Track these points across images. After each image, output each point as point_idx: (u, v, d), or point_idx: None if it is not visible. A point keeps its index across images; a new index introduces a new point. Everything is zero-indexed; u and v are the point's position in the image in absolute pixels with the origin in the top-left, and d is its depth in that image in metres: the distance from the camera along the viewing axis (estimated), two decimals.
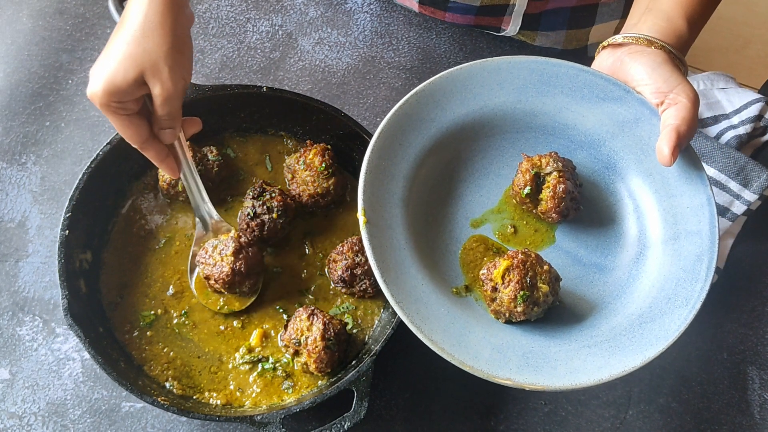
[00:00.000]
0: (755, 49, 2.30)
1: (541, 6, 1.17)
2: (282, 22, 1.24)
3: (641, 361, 0.80)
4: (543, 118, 0.93)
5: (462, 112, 0.91)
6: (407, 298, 0.81)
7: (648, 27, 0.90)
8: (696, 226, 0.87)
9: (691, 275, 0.85)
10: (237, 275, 0.93)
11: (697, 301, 0.83)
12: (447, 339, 0.80)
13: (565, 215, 0.89)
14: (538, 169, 0.89)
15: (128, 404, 0.95)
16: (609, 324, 0.85)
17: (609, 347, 0.82)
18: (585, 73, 0.91)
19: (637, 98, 0.89)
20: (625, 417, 1.00)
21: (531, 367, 0.80)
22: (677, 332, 0.82)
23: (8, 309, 0.99)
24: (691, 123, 0.84)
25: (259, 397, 0.93)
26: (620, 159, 0.92)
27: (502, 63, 0.92)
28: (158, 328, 0.96)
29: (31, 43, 1.18)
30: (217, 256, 0.94)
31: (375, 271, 0.80)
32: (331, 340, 0.90)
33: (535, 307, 0.83)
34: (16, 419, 0.94)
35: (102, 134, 1.11)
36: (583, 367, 0.80)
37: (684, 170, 0.89)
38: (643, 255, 0.89)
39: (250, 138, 1.08)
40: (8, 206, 1.06)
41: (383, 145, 0.87)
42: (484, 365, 0.79)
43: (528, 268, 0.83)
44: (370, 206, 0.84)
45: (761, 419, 1.00)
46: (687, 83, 0.86)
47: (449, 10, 1.19)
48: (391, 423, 0.97)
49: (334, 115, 1.02)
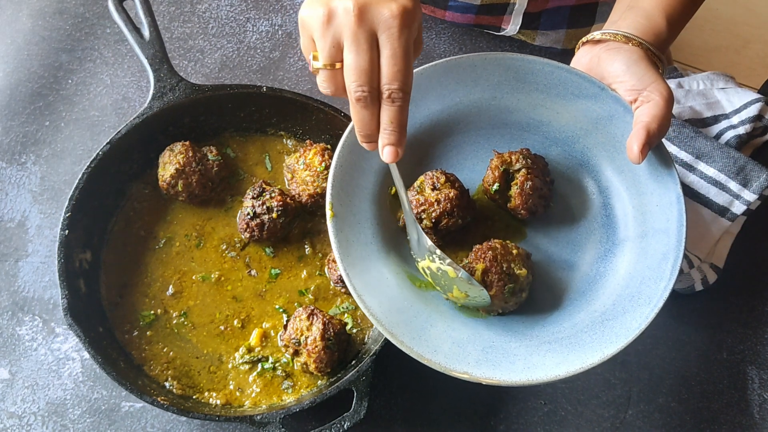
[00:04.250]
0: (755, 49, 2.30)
1: (541, 5, 1.17)
2: (282, 22, 1.24)
3: (599, 359, 0.80)
4: (518, 115, 0.93)
5: (437, 108, 0.92)
6: (370, 292, 0.81)
7: (627, 24, 0.90)
8: (664, 224, 0.87)
9: (656, 273, 0.85)
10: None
11: (660, 300, 0.83)
12: (408, 332, 0.80)
13: (533, 212, 0.89)
14: (507, 166, 0.89)
15: (128, 404, 0.95)
16: (571, 321, 0.85)
17: (569, 344, 0.82)
18: (560, 70, 0.91)
19: (612, 95, 0.89)
20: (625, 417, 1.00)
21: (489, 362, 0.80)
22: (638, 330, 0.82)
23: (8, 309, 0.99)
24: (663, 121, 0.84)
25: (258, 397, 0.93)
26: (593, 156, 0.92)
27: (477, 60, 0.91)
28: (158, 328, 0.96)
29: (30, 42, 1.17)
30: None
31: (339, 264, 0.81)
32: (331, 340, 0.90)
33: (522, 292, 0.84)
34: (16, 419, 0.94)
35: (102, 134, 1.11)
36: (541, 363, 0.81)
37: (655, 168, 0.89)
38: (611, 252, 0.89)
39: (250, 138, 1.08)
40: (8, 206, 1.06)
41: (354, 140, 0.86)
42: (442, 359, 0.79)
43: (501, 261, 0.83)
44: (339, 200, 0.84)
45: (761, 419, 1.00)
46: (662, 81, 0.86)
47: (449, 9, 1.19)
48: (391, 423, 0.97)
49: (334, 115, 1.02)
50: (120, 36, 1.19)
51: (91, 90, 1.15)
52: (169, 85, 1.00)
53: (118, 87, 1.16)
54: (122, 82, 1.16)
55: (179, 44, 1.20)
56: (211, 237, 1.02)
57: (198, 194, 1.01)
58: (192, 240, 1.01)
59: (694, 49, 2.24)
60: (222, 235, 1.02)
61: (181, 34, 1.21)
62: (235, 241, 1.02)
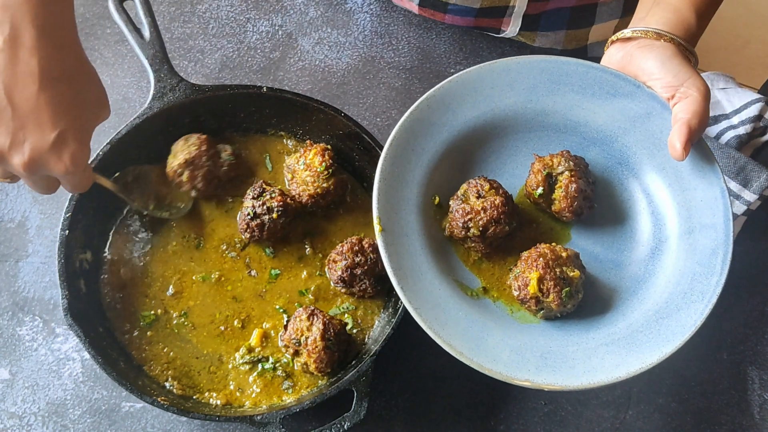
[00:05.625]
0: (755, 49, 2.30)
1: (541, 7, 1.17)
2: (282, 22, 1.24)
3: (658, 358, 0.81)
4: (554, 117, 0.93)
5: (473, 114, 0.92)
6: (425, 305, 0.81)
7: (656, 20, 0.90)
8: (710, 219, 0.87)
9: (707, 269, 0.85)
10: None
11: (713, 295, 0.83)
12: (465, 343, 0.80)
13: (578, 214, 0.89)
14: (549, 169, 0.89)
15: (128, 404, 0.95)
16: (626, 321, 0.85)
17: (626, 344, 0.82)
18: (594, 69, 0.91)
19: (648, 93, 0.89)
20: (625, 417, 1.00)
21: (549, 367, 0.80)
22: (694, 327, 0.82)
23: (8, 309, 0.99)
24: (703, 116, 0.84)
25: (259, 397, 0.93)
26: (633, 154, 0.92)
27: (512, 63, 0.92)
28: (158, 328, 0.96)
29: None
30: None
31: (392, 279, 0.81)
32: (331, 340, 0.90)
33: (579, 293, 0.84)
34: (16, 419, 0.94)
35: (102, 134, 1.11)
36: (600, 365, 0.81)
37: (697, 163, 0.89)
38: (658, 250, 0.89)
39: (250, 138, 1.08)
40: (8, 206, 1.06)
41: (396, 153, 0.87)
42: (502, 368, 0.79)
43: (553, 266, 0.83)
44: (385, 214, 0.84)
45: (761, 419, 1.00)
46: (697, 76, 0.86)
47: (449, 12, 1.19)
48: (391, 423, 0.97)
49: (334, 115, 1.02)
50: (120, 36, 1.19)
51: None
52: (169, 86, 1.00)
53: (118, 87, 1.16)
54: (122, 82, 1.16)
55: (179, 44, 1.20)
56: (211, 237, 1.02)
57: (201, 189, 1.01)
58: (192, 240, 1.01)
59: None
60: (222, 236, 1.02)
61: (181, 34, 1.21)
62: (236, 242, 1.02)
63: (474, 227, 0.86)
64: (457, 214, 0.86)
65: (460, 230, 0.86)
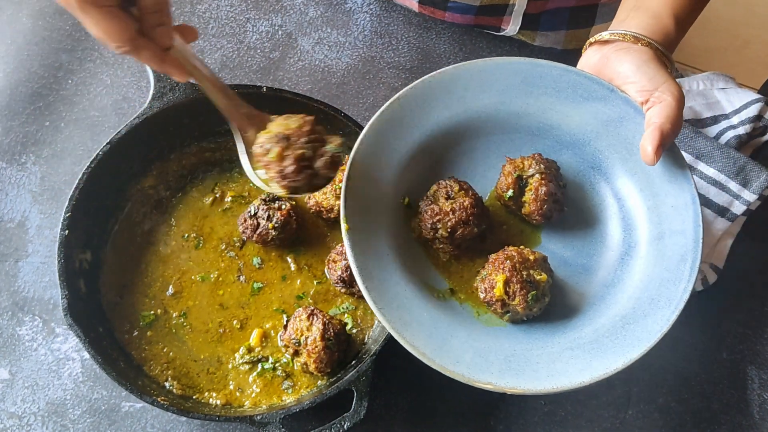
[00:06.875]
0: (755, 50, 2.30)
1: (541, 6, 1.17)
2: (282, 22, 1.24)
3: (623, 363, 0.80)
4: (528, 119, 0.93)
5: (446, 115, 0.91)
6: (389, 305, 0.81)
7: (635, 24, 0.90)
8: (680, 225, 0.86)
9: (675, 275, 0.84)
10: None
11: (680, 302, 0.82)
12: (429, 344, 0.80)
13: (548, 217, 0.89)
14: (520, 172, 0.88)
15: (128, 404, 0.95)
16: (592, 326, 0.84)
17: (591, 349, 0.82)
18: (569, 73, 0.91)
19: (622, 97, 0.89)
20: (625, 417, 1.00)
21: (513, 370, 0.80)
22: (659, 333, 0.81)
23: (8, 309, 0.99)
24: (675, 121, 0.83)
25: (258, 397, 0.93)
26: (605, 159, 0.92)
27: (485, 65, 0.91)
28: (158, 328, 0.96)
29: (31, 43, 1.17)
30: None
31: (357, 278, 0.80)
32: (331, 340, 0.90)
33: (545, 297, 0.84)
34: (16, 419, 0.94)
35: (102, 134, 1.11)
36: (564, 369, 0.80)
37: (668, 169, 0.88)
38: (628, 255, 0.89)
39: None
40: (8, 206, 1.06)
41: (366, 151, 0.86)
42: (465, 370, 0.79)
43: (520, 268, 0.83)
44: (353, 212, 0.83)
45: (761, 419, 1.00)
46: (672, 81, 0.85)
47: (449, 10, 1.19)
48: (391, 423, 0.97)
49: (334, 116, 1.02)
50: None
51: (91, 90, 1.15)
52: (169, 85, 1.00)
53: (118, 87, 1.16)
54: (122, 82, 1.16)
55: None
56: (211, 237, 1.02)
57: (290, 175, 0.79)
58: (191, 240, 1.01)
59: (694, 50, 2.24)
60: (221, 235, 1.02)
61: None
62: (234, 241, 1.02)
63: (442, 228, 0.85)
64: (425, 215, 0.86)
65: (429, 231, 0.86)
